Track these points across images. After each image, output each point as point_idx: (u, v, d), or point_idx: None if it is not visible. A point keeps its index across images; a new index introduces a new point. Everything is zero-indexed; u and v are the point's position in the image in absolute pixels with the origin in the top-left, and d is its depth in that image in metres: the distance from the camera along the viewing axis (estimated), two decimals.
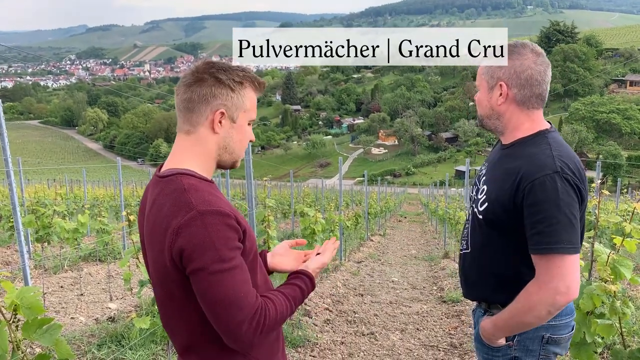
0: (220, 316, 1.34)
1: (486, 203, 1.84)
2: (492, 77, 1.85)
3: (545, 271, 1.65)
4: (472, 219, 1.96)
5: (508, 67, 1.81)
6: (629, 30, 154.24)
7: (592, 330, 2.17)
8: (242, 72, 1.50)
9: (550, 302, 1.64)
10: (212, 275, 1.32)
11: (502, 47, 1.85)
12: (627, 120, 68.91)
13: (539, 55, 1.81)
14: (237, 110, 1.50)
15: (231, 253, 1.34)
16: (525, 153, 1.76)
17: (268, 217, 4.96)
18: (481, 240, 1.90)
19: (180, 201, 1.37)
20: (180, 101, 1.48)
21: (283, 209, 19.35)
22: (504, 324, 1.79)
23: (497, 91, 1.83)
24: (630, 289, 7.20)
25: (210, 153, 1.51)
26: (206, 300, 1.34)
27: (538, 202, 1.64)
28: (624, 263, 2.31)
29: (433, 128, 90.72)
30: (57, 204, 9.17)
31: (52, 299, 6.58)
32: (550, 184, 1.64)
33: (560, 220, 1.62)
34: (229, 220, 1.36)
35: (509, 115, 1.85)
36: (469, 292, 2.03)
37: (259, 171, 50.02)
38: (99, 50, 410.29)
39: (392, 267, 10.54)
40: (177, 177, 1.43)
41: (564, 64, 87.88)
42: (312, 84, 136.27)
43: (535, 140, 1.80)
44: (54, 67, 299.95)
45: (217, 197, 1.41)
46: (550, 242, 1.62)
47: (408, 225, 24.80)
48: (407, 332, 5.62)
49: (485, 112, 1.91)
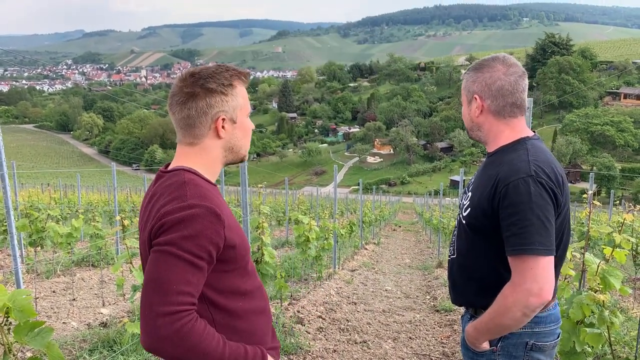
0: (147, 295, 1.29)
1: (469, 209, 1.90)
2: (468, 91, 1.96)
3: (519, 273, 1.68)
4: (459, 225, 2.03)
5: (479, 81, 1.91)
6: (624, 43, 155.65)
7: (582, 339, 2.19)
8: (227, 73, 1.52)
9: (523, 303, 1.66)
10: (165, 254, 1.30)
11: (476, 64, 1.97)
12: (620, 133, 69.26)
13: (510, 66, 1.89)
14: (235, 110, 1.54)
15: (197, 250, 1.32)
16: (505, 159, 1.83)
17: (262, 224, 4.97)
18: (466, 246, 1.95)
19: (177, 192, 1.39)
20: (179, 119, 1.49)
21: (278, 217, 19.35)
22: (484, 327, 1.82)
23: (474, 104, 1.94)
24: (622, 300, 7.23)
25: (217, 158, 1.55)
26: (146, 274, 1.32)
27: (512, 205, 1.69)
28: (614, 273, 2.33)
29: (428, 138, 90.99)
30: (51, 208, 9.15)
31: (44, 303, 6.54)
32: (524, 187, 1.69)
33: (533, 222, 1.66)
34: (216, 222, 1.36)
35: (488, 126, 1.94)
36: (456, 297, 2.07)
37: (254, 178, 49.99)
38: (96, 55, 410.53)
39: (385, 276, 10.53)
40: (180, 171, 1.46)
41: (559, 76, 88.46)
42: (309, 92, 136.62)
43: (515, 147, 1.87)
44: (50, 72, 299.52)
45: (216, 198, 1.43)
46: (523, 243, 1.66)
47: (402, 234, 24.81)
48: (399, 341, 5.62)
49: (468, 125, 2.02)
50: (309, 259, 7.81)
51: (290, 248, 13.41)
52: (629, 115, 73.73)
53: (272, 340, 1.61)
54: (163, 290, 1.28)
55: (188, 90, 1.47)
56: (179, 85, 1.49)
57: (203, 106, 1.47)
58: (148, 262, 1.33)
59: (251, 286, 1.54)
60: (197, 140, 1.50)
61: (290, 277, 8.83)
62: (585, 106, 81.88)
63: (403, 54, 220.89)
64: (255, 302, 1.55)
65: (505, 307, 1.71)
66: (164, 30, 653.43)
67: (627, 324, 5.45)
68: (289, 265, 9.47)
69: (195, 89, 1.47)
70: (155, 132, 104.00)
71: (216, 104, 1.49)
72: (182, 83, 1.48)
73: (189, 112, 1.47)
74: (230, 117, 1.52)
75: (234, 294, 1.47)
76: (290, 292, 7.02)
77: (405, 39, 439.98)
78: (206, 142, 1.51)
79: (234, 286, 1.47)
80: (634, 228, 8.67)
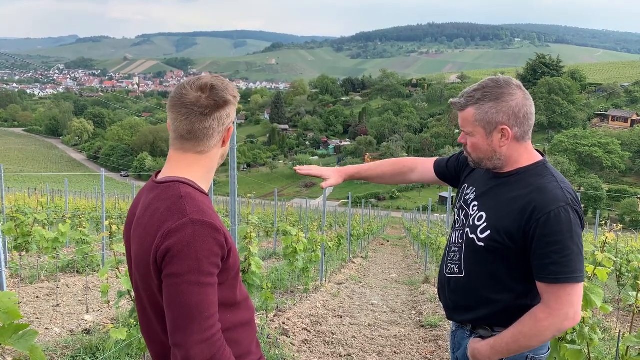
0: (179, 328, 1.33)
1: (488, 231, 1.86)
2: (489, 123, 1.84)
3: (556, 299, 1.72)
4: (468, 244, 1.95)
5: (504, 111, 1.82)
6: (613, 66, 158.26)
7: (562, 355, 2.23)
8: (232, 86, 1.57)
9: (558, 327, 1.73)
10: (185, 284, 1.32)
11: (489, 92, 1.84)
12: (608, 154, 70.11)
13: (522, 88, 1.85)
14: (233, 121, 1.62)
15: (211, 268, 1.35)
16: (532, 183, 1.82)
17: (250, 234, 4.98)
18: (480, 267, 1.91)
19: (176, 207, 1.40)
20: (199, 129, 1.49)
21: (266, 228, 19.30)
22: (505, 347, 1.82)
23: (498, 134, 1.85)
24: (606, 320, 7.29)
25: (215, 165, 1.60)
26: (171, 307, 1.34)
27: (553, 233, 1.70)
28: (595, 291, 2.37)
29: (419, 153, 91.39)
30: (38, 213, 9.07)
31: (27, 309, 6.47)
32: (565, 215, 1.71)
33: (573, 250, 1.70)
34: (218, 236, 1.38)
35: (509, 152, 1.88)
36: (458, 315, 2.03)
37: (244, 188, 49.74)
38: (89, 61, 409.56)
39: (372, 290, 10.53)
40: (176, 184, 1.47)
41: (549, 96, 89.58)
42: (301, 104, 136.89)
43: (537, 170, 1.86)
44: (41, 76, 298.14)
45: (211, 210, 1.45)
46: (565, 272, 1.70)
47: (390, 248, 24.82)
48: (384, 355, 5.62)
49: (486, 155, 1.90)
50: (296, 270, 7.81)
51: (278, 259, 13.38)
52: (617, 137, 74.69)
53: (256, 350, 1.62)
54: (199, 323, 1.33)
55: (211, 102, 1.48)
56: (196, 94, 1.48)
57: (223, 117, 1.52)
58: (170, 294, 1.34)
59: (239, 297, 1.55)
60: (208, 149, 1.54)
61: (277, 289, 8.80)
62: (574, 127, 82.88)
63: (395, 69, 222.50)
64: (242, 314, 1.56)
65: (538, 330, 1.75)
66: (158, 39, 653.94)
67: (610, 343, 5.50)
68: (275, 276, 9.45)
69: (218, 101, 1.50)
70: (145, 140, 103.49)
71: (230, 114, 1.55)
72: (202, 93, 1.48)
73: (211, 123, 1.50)
74: (231, 126, 1.59)
75: (224, 306, 1.48)
76: (277, 303, 7.01)
77: (398, 55, 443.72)
78: (214, 150, 1.56)
79: (223, 298, 1.47)
80: (618, 249, 8.77)
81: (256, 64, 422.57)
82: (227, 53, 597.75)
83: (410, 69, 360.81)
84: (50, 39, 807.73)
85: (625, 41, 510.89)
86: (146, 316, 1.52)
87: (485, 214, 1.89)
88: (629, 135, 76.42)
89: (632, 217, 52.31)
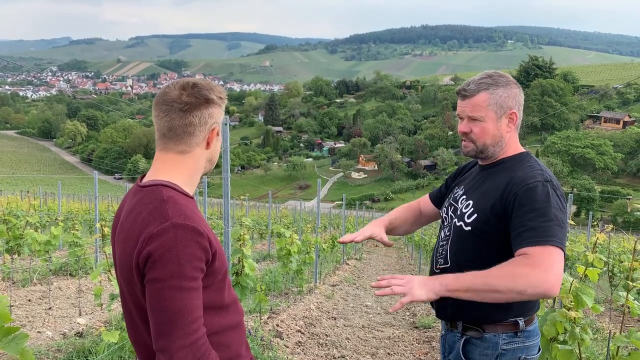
0: (163, 333, 1.32)
1: (475, 214, 1.88)
2: (501, 106, 1.90)
3: (538, 256, 1.63)
4: (455, 232, 1.96)
5: (513, 97, 1.92)
6: (605, 68, 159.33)
7: (553, 355, 2.24)
8: (219, 88, 1.56)
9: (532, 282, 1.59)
10: (167, 289, 1.31)
11: (499, 79, 1.92)
12: (600, 156, 70.54)
13: (516, 83, 1.98)
14: (220, 124, 1.58)
15: (194, 272, 1.34)
16: (517, 167, 1.87)
17: (244, 236, 4.97)
18: (466, 254, 1.91)
19: (157, 211, 1.39)
20: (178, 126, 1.48)
21: (260, 230, 19.26)
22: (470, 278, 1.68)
23: (506, 119, 1.92)
24: (599, 320, 7.32)
25: (200, 168, 1.57)
26: (154, 312, 1.33)
27: (531, 202, 1.72)
28: (586, 291, 2.39)
29: (412, 155, 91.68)
30: (30, 215, 9.02)
31: (19, 312, 6.43)
32: (542, 188, 1.74)
33: (553, 219, 1.69)
34: (201, 239, 1.37)
35: (509, 140, 1.96)
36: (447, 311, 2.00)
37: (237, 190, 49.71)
38: (82, 63, 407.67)
39: (366, 292, 10.54)
40: (159, 187, 1.45)
41: (542, 98, 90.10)
42: (295, 106, 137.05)
43: (521, 157, 1.93)
44: (34, 78, 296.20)
45: (195, 214, 1.43)
46: (544, 235, 1.65)
47: (384, 250, 24.83)
48: (377, 357, 5.62)
49: (493, 141, 1.93)
50: (290, 272, 7.80)
51: (272, 261, 13.36)
52: (609, 138, 75.18)
53: (246, 353, 1.62)
54: (182, 328, 1.31)
55: (191, 99, 1.48)
56: (177, 92, 1.48)
57: (205, 115, 1.50)
58: (153, 299, 1.33)
59: (228, 300, 1.54)
60: (190, 149, 1.52)
61: (271, 291, 8.79)
62: (566, 128, 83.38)
63: (389, 71, 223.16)
64: (230, 316, 1.55)
65: (513, 272, 1.63)
66: (151, 41, 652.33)
67: (602, 343, 5.53)
68: (269, 278, 9.43)
69: (199, 99, 1.49)
70: (139, 142, 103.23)
71: (214, 115, 1.52)
72: (183, 91, 1.48)
73: (192, 120, 1.48)
74: (218, 129, 1.57)
75: (211, 309, 1.47)
76: (270, 305, 6.99)
77: (392, 57, 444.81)
78: (197, 151, 1.53)
79: (210, 301, 1.46)
80: (610, 250, 8.82)
81: (250, 65, 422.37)
82: (221, 55, 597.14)
83: (404, 70, 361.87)
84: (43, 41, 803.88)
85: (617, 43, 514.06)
86: (132, 320, 1.51)
87: (472, 200, 1.94)
88: (621, 136, 77.00)
89: (624, 218, 52.62)
